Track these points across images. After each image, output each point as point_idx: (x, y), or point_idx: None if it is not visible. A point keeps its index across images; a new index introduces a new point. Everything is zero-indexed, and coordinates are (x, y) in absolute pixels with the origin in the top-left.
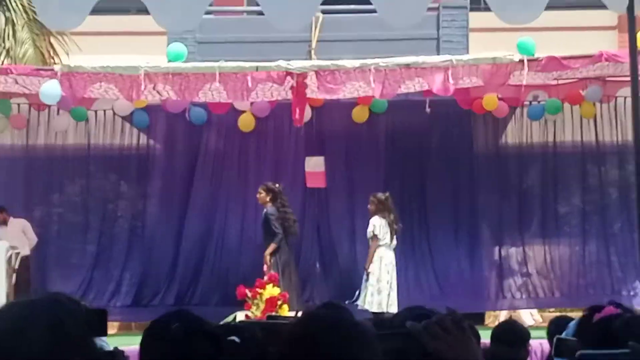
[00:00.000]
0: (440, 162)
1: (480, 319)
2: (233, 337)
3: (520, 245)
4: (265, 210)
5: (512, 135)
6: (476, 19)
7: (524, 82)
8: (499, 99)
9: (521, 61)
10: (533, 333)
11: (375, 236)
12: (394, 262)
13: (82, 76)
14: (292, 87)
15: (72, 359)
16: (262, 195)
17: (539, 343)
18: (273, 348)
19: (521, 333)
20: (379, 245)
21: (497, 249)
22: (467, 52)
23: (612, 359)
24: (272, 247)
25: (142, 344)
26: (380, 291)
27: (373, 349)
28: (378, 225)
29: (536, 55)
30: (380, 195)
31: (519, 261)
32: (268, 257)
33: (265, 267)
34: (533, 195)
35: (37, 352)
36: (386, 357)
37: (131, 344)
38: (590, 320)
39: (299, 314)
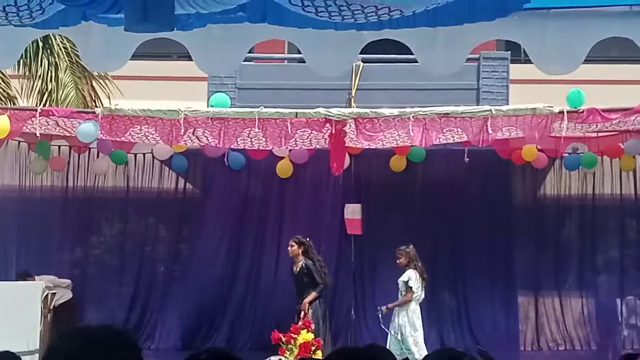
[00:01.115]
0: (477, 212)
1: None
2: None
3: (557, 297)
4: (302, 262)
5: (550, 187)
6: (516, 70)
7: (563, 134)
8: (538, 150)
9: (561, 113)
10: None
11: (410, 288)
12: (420, 318)
13: (122, 119)
14: (330, 135)
15: None
16: (294, 248)
17: None
18: None
19: None
20: (411, 300)
21: (533, 300)
22: (507, 103)
23: None
24: (313, 295)
25: None
26: (410, 345)
27: None
28: (414, 279)
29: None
30: (408, 248)
31: (555, 313)
32: (307, 306)
33: (302, 315)
34: (571, 247)
35: None
36: None
37: None
38: None
39: None
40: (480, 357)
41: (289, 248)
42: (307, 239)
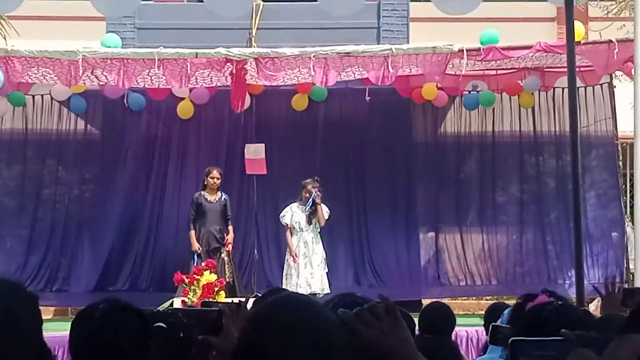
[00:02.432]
0: (379, 150)
1: (418, 306)
2: (159, 323)
3: (458, 234)
4: (222, 194)
5: (451, 125)
6: (417, 8)
7: (463, 72)
8: (439, 88)
9: (461, 51)
10: (471, 320)
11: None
12: None
13: (19, 60)
14: (231, 73)
15: (20, 347)
16: (220, 180)
17: (475, 330)
18: (197, 331)
19: (445, 319)
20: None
21: (434, 237)
22: (408, 42)
23: (544, 346)
24: (232, 230)
25: (71, 325)
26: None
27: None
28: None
29: (476, 46)
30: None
31: (456, 249)
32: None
33: (231, 248)
34: (471, 184)
35: None
36: None
37: (66, 330)
38: (523, 308)
39: (236, 300)
40: (381, 303)
41: (216, 180)
42: None
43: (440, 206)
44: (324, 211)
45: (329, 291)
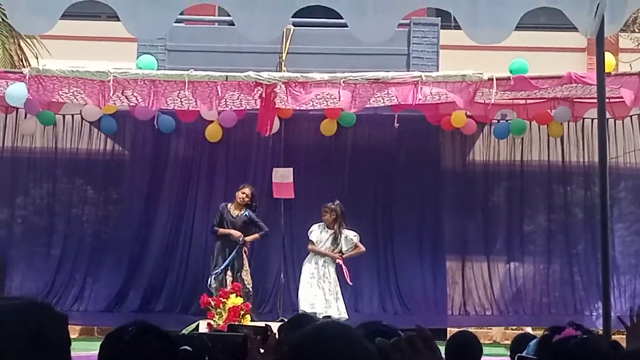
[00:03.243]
0: (407, 177)
1: (443, 335)
2: (185, 347)
3: (485, 263)
4: (246, 212)
5: (479, 153)
6: (447, 36)
7: (492, 101)
8: (468, 116)
9: (490, 79)
10: (496, 350)
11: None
12: None
13: (50, 80)
14: (261, 97)
15: None
16: (248, 198)
17: None
18: (222, 356)
19: (472, 348)
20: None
21: (461, 265)
22: (437, 69)
23: None
24: (254, 236)
25: (100, 347)
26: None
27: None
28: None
29: (505, 75)
30: (334, 205)
31: (483, 278)
32: (247, 242)
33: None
34: (499, 213)
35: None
36: None
37: (92, 349)
38: (550, 340)
39: (265, 324)
40: (418, 334)
41: (244, 197)
42: None
43: (468, 234)
44: (351, 246)
45: (346, 316)
